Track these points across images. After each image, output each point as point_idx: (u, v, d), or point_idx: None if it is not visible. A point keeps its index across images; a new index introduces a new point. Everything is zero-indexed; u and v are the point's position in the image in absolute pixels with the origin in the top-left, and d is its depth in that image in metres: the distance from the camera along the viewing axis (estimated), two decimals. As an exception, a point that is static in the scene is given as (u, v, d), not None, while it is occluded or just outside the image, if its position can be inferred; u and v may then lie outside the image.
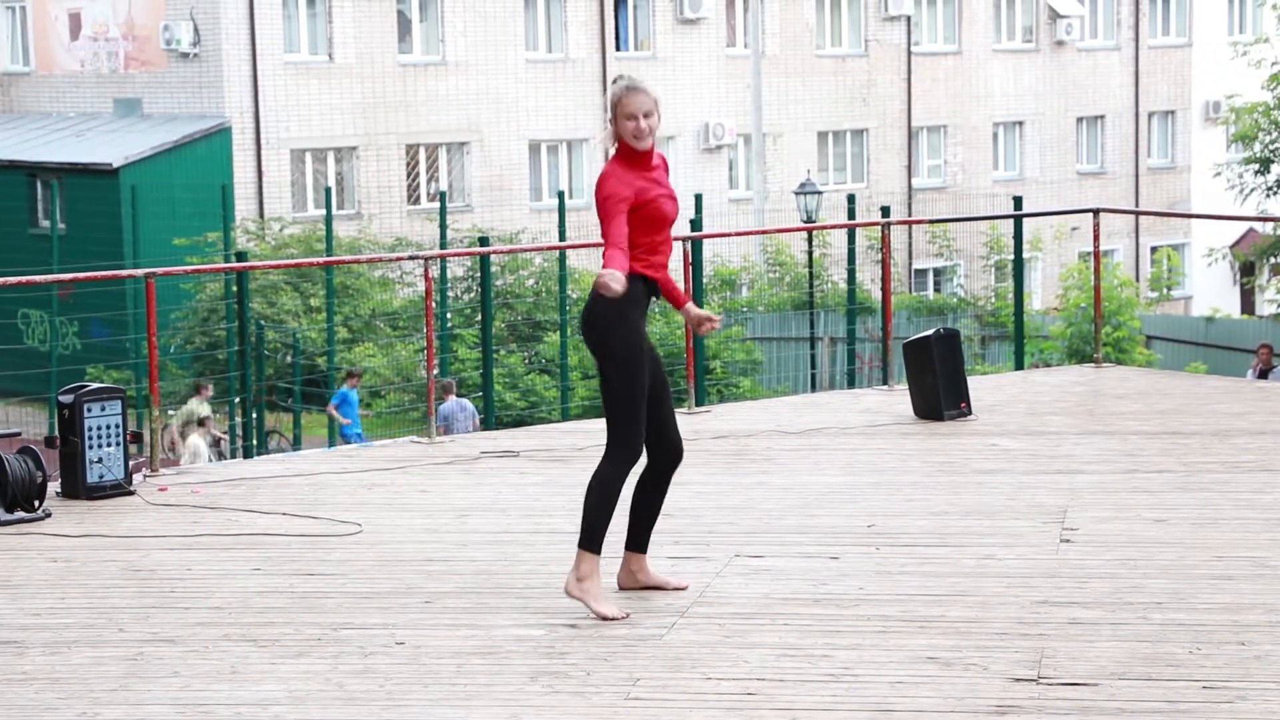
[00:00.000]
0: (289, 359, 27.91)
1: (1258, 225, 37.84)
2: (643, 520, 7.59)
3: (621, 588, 7.56)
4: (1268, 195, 33.49)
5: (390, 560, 8.33)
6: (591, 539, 7.27)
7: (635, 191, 7.27)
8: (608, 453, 7.30)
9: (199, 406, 24.04)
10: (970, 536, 8.62)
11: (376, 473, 10.67)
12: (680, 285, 7.69)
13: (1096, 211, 14.63)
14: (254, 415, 21.59)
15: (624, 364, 7.24)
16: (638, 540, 7.60)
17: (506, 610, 7.37)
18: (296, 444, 24.36)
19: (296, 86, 37.18)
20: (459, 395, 22.84)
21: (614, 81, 7.46)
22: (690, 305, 7.58)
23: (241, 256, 25.31)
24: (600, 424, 13.65)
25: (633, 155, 7.36)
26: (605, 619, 7.15)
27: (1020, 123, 45.93)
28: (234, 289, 20.76)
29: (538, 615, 7.27)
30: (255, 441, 21.33)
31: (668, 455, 7.51)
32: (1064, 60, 46.23)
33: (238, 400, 21.87)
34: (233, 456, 22.24)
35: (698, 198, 20.88)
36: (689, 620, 7.16)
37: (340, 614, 7.37)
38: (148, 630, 7.18)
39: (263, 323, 27.21)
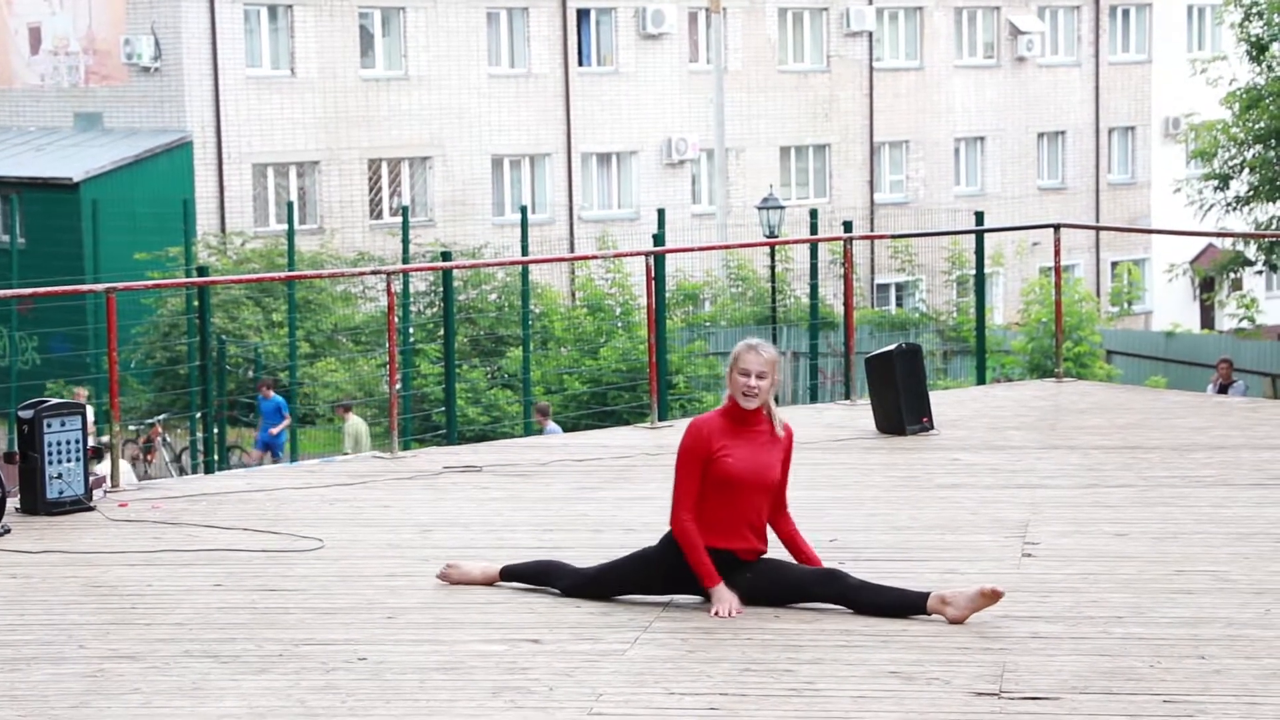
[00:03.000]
0: (251, 374, 27.82)
1: (1216, 241, 38.06)
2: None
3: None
4: (1227, 211, 33.68)
5: (352, 575, 8.30)
6: (510, 573, 7.93)
7: (709, 449, 7.40)
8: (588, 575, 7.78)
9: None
10: (932, 551, 8.63)
11: (338, 488, 10.63)
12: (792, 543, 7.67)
13: (1057, 227, 14.67)
14: (215, 430, 21.51)
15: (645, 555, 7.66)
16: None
17: (469, 625, 7.36)
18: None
19: (258, 101, 37.10)
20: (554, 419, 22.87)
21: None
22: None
23: (203, 271, 25.24)
24: (565, 439, 13.62)
25: (737, 412, 7.47)
26: None
27: (981, 138, 46.09)
28: (195, 304, 20.69)
29: (500, 630, 7.26)
30: (216, 457, 21.26)
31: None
32: (1025, 76, 46.42)
33: (199, 415, 21.79)
34: (194, 472, 22.16)
35: (660, 213, 20.91)
36: (652, 635, 7.16)
37: (302, 630, 7.34)
38: (108, 647, 7.14)
39: (224, 338, 27.11)
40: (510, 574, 7.93)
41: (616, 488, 10.55)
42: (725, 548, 7.44)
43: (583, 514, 9.74)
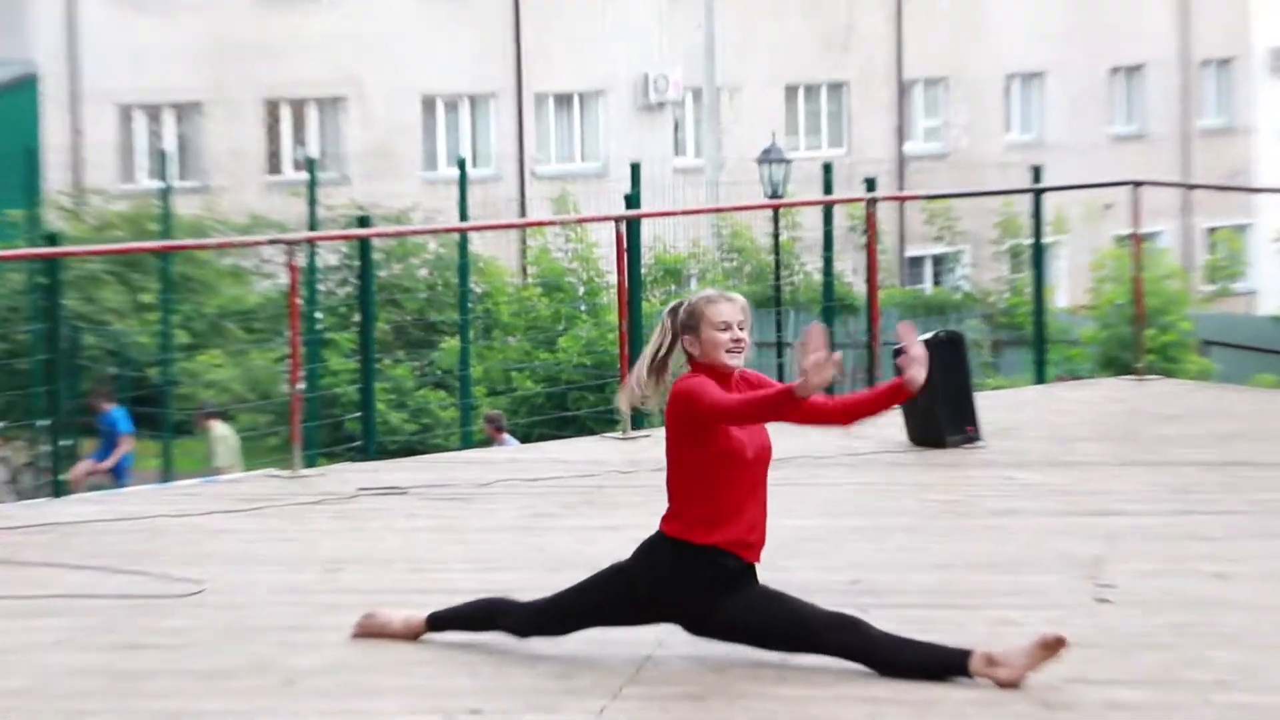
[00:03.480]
0: (113, 370, 27.76)
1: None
2: None
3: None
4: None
5: (240, 628, 8.27)
6: (440, 620, 7.86)
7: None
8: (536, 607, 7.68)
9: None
10: (981, 595, 8.63)
11: (223, 515, 10.64)
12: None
13: (1136, 184, 14.76)
14: (67, 443, 21.45)
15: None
16: None
17: (389, 692, 7.31)
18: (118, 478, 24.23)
19: (125, 27, 37.04)
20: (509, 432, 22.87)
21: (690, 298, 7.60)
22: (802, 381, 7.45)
23: (53, 240, 25.09)
24: (513, 453, 13.56)
25: (715, 377, 7.48)
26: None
27: (1040, 74, 46.23)
28: (42, 281, 20.60)
29: (429, 698, 7.21)
30: (68, 476, 21.21)
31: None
32: (1094, -4, 46.57)
33: (45, 423, 21.70)
34: (38, 496, 22.07)
35: (634, 167, 20.84)
36: (622, 703, 7.11)
37: (175, 698, 7.29)
38: (-75, 720, 7.09)
39: (79, 324, 27.02)
40: (439, 621, 7.86)
41: (579, 515, 10.57)
42: (717, 543, 7.36)
43: (536, 548, 9.73)
